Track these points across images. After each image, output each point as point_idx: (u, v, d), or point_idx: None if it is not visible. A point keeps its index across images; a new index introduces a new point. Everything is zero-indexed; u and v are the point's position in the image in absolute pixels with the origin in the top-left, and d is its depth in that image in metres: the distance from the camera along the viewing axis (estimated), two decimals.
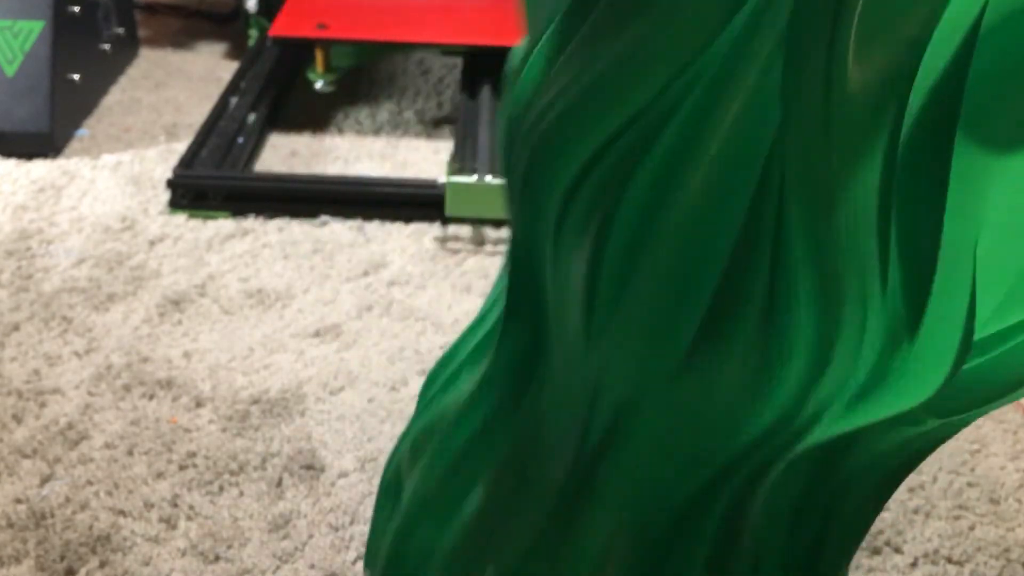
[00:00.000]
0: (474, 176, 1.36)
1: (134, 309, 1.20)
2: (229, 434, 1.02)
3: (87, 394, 1.06)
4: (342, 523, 0.92)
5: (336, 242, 1.35)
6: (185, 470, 0.97)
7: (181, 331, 1.17)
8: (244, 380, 1.09)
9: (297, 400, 1.06)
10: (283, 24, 1.63)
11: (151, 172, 1.51)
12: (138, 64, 1.91)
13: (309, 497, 0.95)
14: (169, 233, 1.36)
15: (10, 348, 1.13)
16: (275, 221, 1.40)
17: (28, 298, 1.21)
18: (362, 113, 1.72)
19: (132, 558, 0.88)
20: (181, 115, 1.72)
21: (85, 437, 1.01)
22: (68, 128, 1.60)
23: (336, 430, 1.03)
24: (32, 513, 0.92)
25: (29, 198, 1.42)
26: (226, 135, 1.54)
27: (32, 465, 0.97)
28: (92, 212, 1.40)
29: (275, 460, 0.99)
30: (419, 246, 1.35)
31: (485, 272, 1.30)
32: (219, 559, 0.88)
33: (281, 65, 1.78)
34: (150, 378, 1.09)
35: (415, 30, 1.64)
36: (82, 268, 1.27)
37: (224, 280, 1.26)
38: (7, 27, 1.51)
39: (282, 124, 1.69)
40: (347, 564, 0.88)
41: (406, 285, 1.27)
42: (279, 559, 0.88)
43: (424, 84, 1.85)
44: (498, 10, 1.73)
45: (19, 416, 1.03)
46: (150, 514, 0.92)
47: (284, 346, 1.15)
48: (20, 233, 1.34)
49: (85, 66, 1.64)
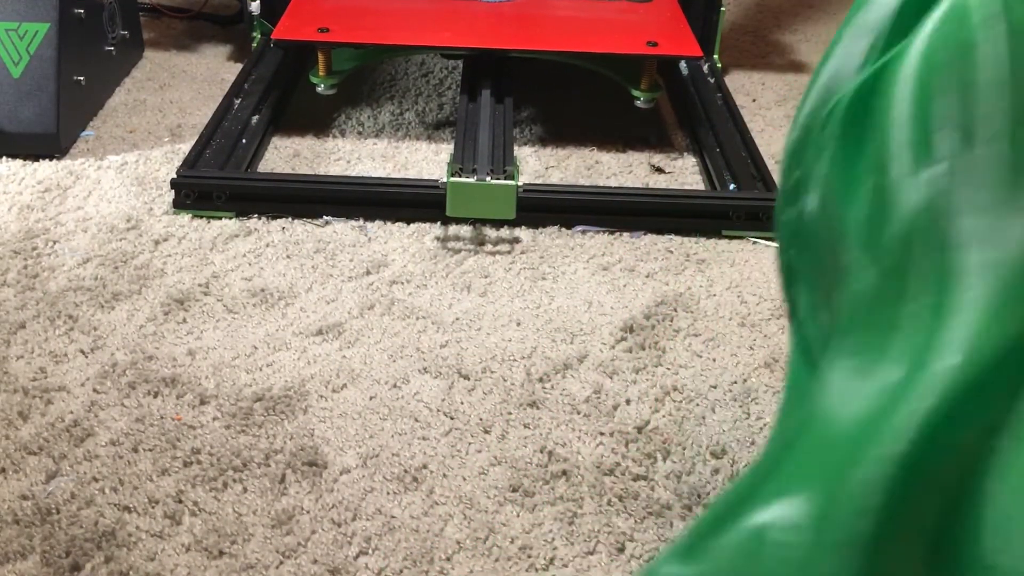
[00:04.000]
0: (474, 177, 1.37)
1: (139, 308, 1.22)
2: (233, 431, 1.03)
3: (92, 391, 1.08)
4: (344, 519, 0.93)
5: (338, 242, 1.36)
6: (189, 466, 0.98)
7: (185, 329, 1.18)
8: (248, 378, 1.10)
9: (300, 397, 1.08)
10: (285, 28, 1.63)
11: (156, 172, 1.53)
12: (143, 66, 1.92)
13: (312, 493, 0.96)
14: (173, 233, 1.37)
15: (16, 346, 1.14)
16: (278, 221, 1.41)
17: (34, 297, 1.22)
18: (364, 114, 1.74)
19: (137, 554, 0.89)
20: (185, 116, 1.73)
21: (90, 434, 1.02)
22: (73, 129, 1.61)
23: (338, 427, 1.04)
24: (38, 509, 0.93)
25: (35, 198, 1.43)
26: (230, 136, 1.56)
27: (38, 462, 0.98)
28: (97, 212, 1.41)
29: (278, 457, 1.00)
30: (420, 246, 1.36)
31: (485, 272, 1.31)
32: (223, 554, 0.89)
33: (284, 67, 1.80)
34: (155, 376, 1.10)
35: (416, 34, 1.65)
36: (87, 267, 1.29)
37: (228, 279, 1.28)
38: (13, 29, 1.53)
39: (285, 125, 1.70)
40: (350, 559, 0.89)
41: (407, 284, 1.28)
42: (282, 555, 0.90)
43: (425, 86, 1.86)
44: (498, 14, 1.74)
45: (25, 413, 1.04)
46: (155, 510, 0.94)
47: (287, 344, 1.16)
48: (26, 233, 1.35)
49: (90, 68, 1.65)
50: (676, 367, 1.15)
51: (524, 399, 1.09)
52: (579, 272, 1.32)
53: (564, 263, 1.34)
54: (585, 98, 1.82)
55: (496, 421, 1.06)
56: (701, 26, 1.85)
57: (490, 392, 1.10)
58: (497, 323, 1.21)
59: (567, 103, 1.81)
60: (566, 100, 1.82)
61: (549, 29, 1.68)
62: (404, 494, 0.96)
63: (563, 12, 1.74)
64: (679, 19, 1.71)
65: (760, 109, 1.83)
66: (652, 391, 1.11)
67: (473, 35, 1.66)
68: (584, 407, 1.08)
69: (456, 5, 1.75)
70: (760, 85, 1.93)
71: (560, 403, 1.08)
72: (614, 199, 1.43)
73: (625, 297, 1.27)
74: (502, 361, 1.14)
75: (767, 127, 1.76)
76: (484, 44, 1.64)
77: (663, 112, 1.78)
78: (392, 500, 0.96)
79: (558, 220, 1.42)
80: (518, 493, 0.97)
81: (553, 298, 1.26)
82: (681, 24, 1.69)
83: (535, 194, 1.42)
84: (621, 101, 1.69)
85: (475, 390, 1.10)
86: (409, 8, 1.72)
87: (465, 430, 1.04)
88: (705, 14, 1.88)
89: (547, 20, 1.71)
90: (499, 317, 1.22)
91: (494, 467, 1.00)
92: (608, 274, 1.32)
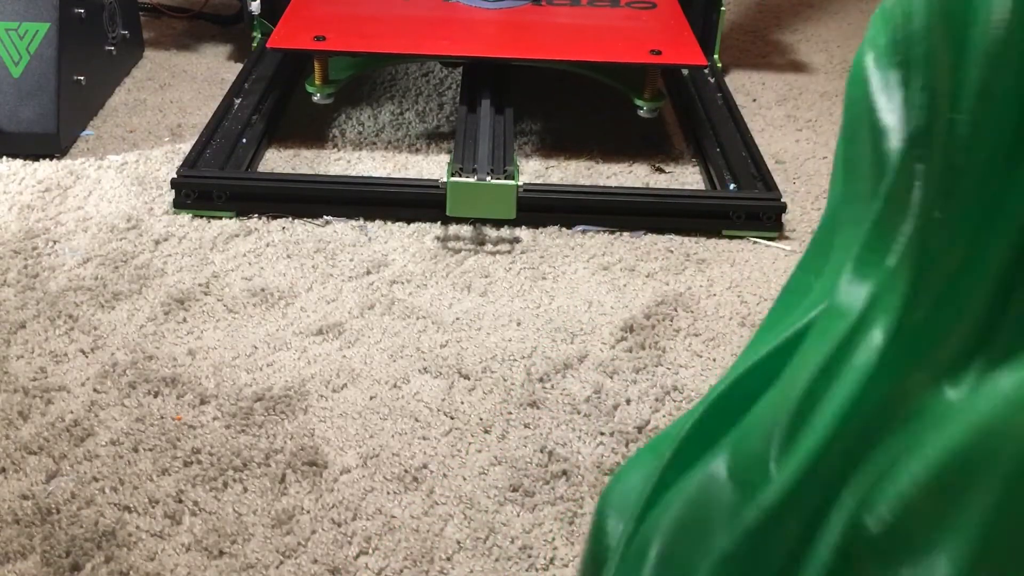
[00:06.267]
0: (474, 176, 1.37)
1: (139, 307, 1.22)
2: (233, 431, 1.03)
3: (93, 391, 1.08)
4: (344, 519, 0.93)
5: (338, 241, 1.36)
6: (189, 466, 0.98)
7: (186, 329, 1.18)
8: (248, 378, 1.10)
9: (300, 397, 1.08)
10: (281, 36, 1.60)
11: (156, 172, 1.53)
12: (143, 66, 1.92)
13: (312, 493, 0.96)
14: (174, 232, 1.37)
15: (16, 346, 1.14)
16: (278, 221, 1.41)
17: (34, 296, 1.23)
18: (364, 114, 1.74)
19: (137, 553, 0.89)
20: (185, 116, 1.73)
21: (91, 434, 1.02)
22: (74, 129, 1.61)
23: (339, 427, 1.04)
24: (38, 509, 0.93)
25: (35, 198, 1.43)
26: (230, 136, 1.56)
27: (38, 461, 0.98)
28: (97, 212, 1.41)
29: (278, 457, 1.00)
30: (420, 245, 1.36)
31: (485, 271, 1.31)
32: (223, 554, 0.89)
33: (284, 67, 1.79)
34: (155, 376, 1.10)
35: (415, 42, 1.61)
36: (88, 267, 1.29)
37: (228, 279, 1.28)
38: (13, 28, 1.53)
39: (285, 125, 1.70)
40: (350, 559, 0.89)
41: (407, 284, 1.28)
42: (282, 554, 0.90)
43: (425, 86, 1.86)
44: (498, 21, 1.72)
45: (25, 413, 1.04)
46: (155, 510, 0.94)
47: (287, 344, 1.16)
48: (26, 232, 1.35)
49: (91, 67, 1.65)
50: (676, 367, 1.15)
51: (524, 399, 1.09)
52: (579, 272, 1.32)
53: (564, 263, 1.34)
54: (586, 99, 1.82)
55: (496, 421, 1.06)
56: (701, 26, 1.85)
57: (490, 392, 1.10)
58: (497, 323, 1.21)
59: (568, 105, 1.81)
60: (567, 102, 1.82)
61: (550, 37, 1.65)
62: (404, 494, 0.96)
63: (564, 19, 1.71)
64: (683, 26, 1.68)
65: (760, 109, 1.83)
66: (652, 391, 1.11)
67: (473, 43, 1.63)
68: (584, 407, 1.08)
69: (456, 13, 1.72)
70: (760, 85, 1.93)
71: (560, 403, 1.08)
72: (614, 199, 1.43)
73: (625, 297, 1.27)
74: (502, 361, 1.14)
75: (767, 127, 1.76)
76: (484, 53, 1.62)
77: (663, 112, 1.78)
78: (392, 500, 0.96)
79: (558, 220, 1.42)
80: (518, 493, 0.97)
81: (553, 298, 1.27)
82: (685, 31, 1.66)
83: (535, 194, 1.41)
84: (623, 105, 1.69)
85: (475, 390, 1.10)
86: (408, 15, 1.69)
87: (465, 430, 1.04)
88: (705, 14, 1.88)
89: (548, 28, 1.68)
90: (499, 317, 1.22)
91: (494, 467, 1.00)
92: (608, 274, 1.32)
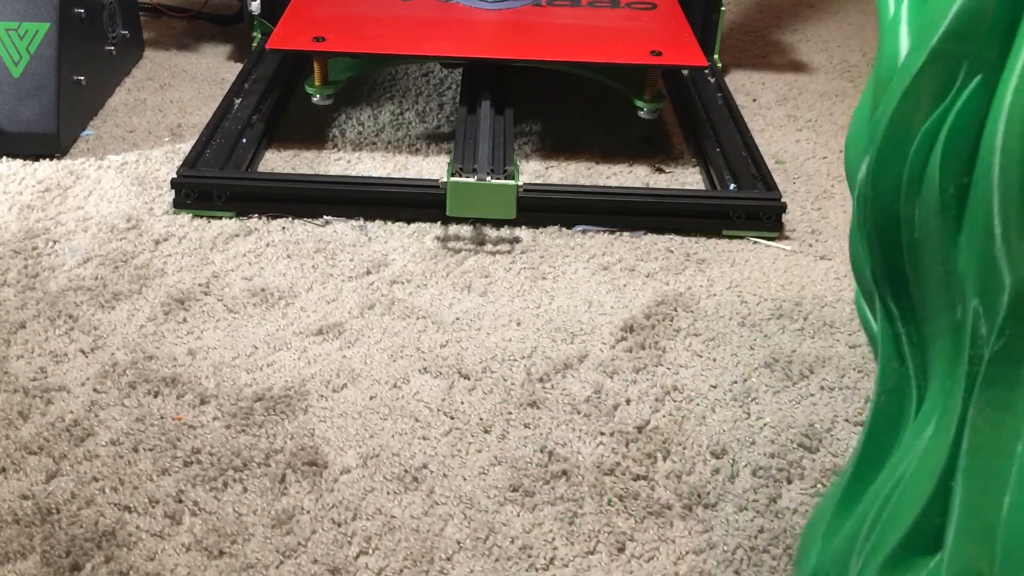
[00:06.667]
0: (474, 176, 1.37)
1: (139, 307, 1.22)
2: (233, 431, 1.03)
3: (93, 391, 1.08)
4: (345, 519, 0.93)
5: (338, 241, 1.36)
6: (189, 466, 0.98)
7: (186, 329, 1.18)
8: (248, 378, 1.10)
9: (300, 397, 1.08)
10: (280, 37, 1.59)
11: (156, 172, 1.53)
12: (143, 65, 1.92)
13: (312, 493, 0.96)
14: (174, 232, 1.37)
15: (16, 346, 1.14)
16: (278, 221, 1.41)
17: (34, 296, 1.23)
18: (364, 114, 1.74)
19: (137, 553, 0.89)
20: (185, 116, 1.73)
21: (91, 434, 1.02)
22: (74, 129, 1.61)
23: (339, 427, 1.04)
24: (38, 509, 0.93)
25: (35, 198, 1.43)
26: (230, 136, 1.56)
27: (38, 461, 0.98)
28: (97, 212, 1.41)
29: (278, 457, 1.00)
30: (420, 245, 1.36)
31: (485, 271, 1.31)
32: (223, 554, 0.89)
33: (284, 67, 1.79)
34: (155, 376, 1.10)
35: (415, 43, 1.61)
36: (88, 267, 1.29)
37: (228, 279, 1.28)
38: (13, 28, 1.53)
39: (285, 125, 1.70)
40: (350, 559, 0.89)
41: (407, 284, 1.28)
42: (282, 554, 0.90)
43: (425, 86, 1.86)
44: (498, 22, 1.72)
45: (25, 413, 1.04)
46: (155, 510, 0.94)
47: (287, 344, 1.16)
48: (26, 232, 1.35)
49: (91, 67, 1.65)
50: (676, 367, 1.15)
51: (524, 399, 1.09)
52: (579, 272, 1.32)
53: (564, 263, 1.34)
54: (586, 99, 1.82)
55: (496, 421, 1.06)
56: (701, 26, 1.85)
57: (490, 392, 1.10)
58: (497, 323, 1.21)
59: (568, 105, 1.81)
60: (567, 102, 1.82)
61: (550, 38, 1.64)
62: (404, 494, 0.96)
63: (564, 20, 1.70)
64: (683, 27, 1.67)
65: (760, 109, 1.83)
66: (652, 391, 1.11)
67: (473, 44, 1.63)
68: (584, 407, 1.08)
69: (455, 13, 1.71)
70: (760, 85, 1.93)
71: (560, 403, 1.08)
72: (614, 199, 1.43)
73: (625, 297, 1.27)
74: (502, 361, 1.14)
75: (767, 127, 1.76)
76: (484, 54, 1.61)
77: (663, 112, 1.78)
78: (392, 500, 0.96)
79: (558, 220, 1.42)
80: (518, 493, 0.97)
81: (553, 298, 1.27)
82: (685, 32, 1.65)
83: (535, 194, 1.41)
84: (623, 105, 1.69)
85: (475, 390, 1.10)
86: (407, 16, 1.69)
87: (465, 430, 1.04)
88: (705, 14, 1.88)
89: (548, 28, 1.68)
90: (499, 317, 1.22)
91: (494, 467, 1.00)
92: (608, 274, 1.32)
